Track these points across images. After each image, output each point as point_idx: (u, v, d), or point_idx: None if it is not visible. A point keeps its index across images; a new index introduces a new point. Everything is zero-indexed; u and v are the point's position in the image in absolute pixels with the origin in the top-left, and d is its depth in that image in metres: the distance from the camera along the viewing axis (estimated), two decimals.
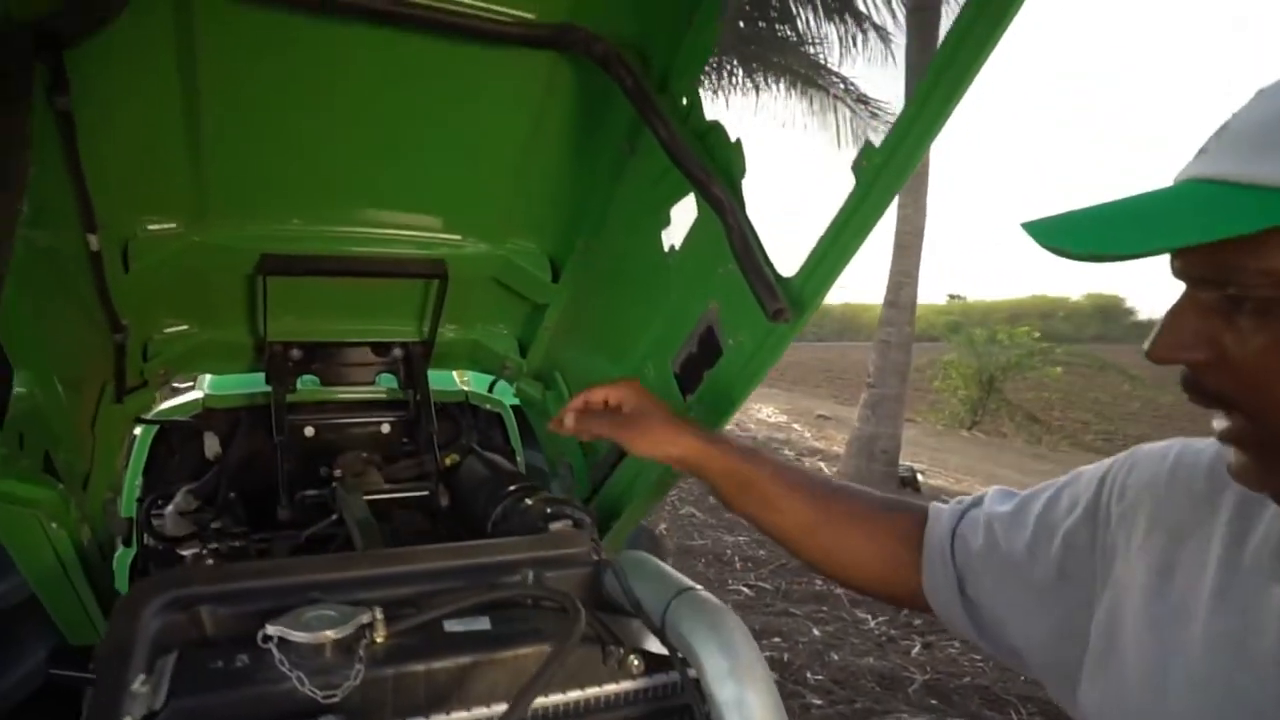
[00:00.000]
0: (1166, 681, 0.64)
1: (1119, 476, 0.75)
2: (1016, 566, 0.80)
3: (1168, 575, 0.67)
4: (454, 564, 1.06)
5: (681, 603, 0.95)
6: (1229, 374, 0.55)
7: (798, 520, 0.98)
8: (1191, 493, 0.68)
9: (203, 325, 1.62)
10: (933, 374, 13.85)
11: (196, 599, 0.92)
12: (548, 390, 1.85)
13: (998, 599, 0.82)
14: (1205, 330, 0.56)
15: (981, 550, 0.84)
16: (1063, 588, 0.76)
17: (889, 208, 0.94)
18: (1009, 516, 0.83)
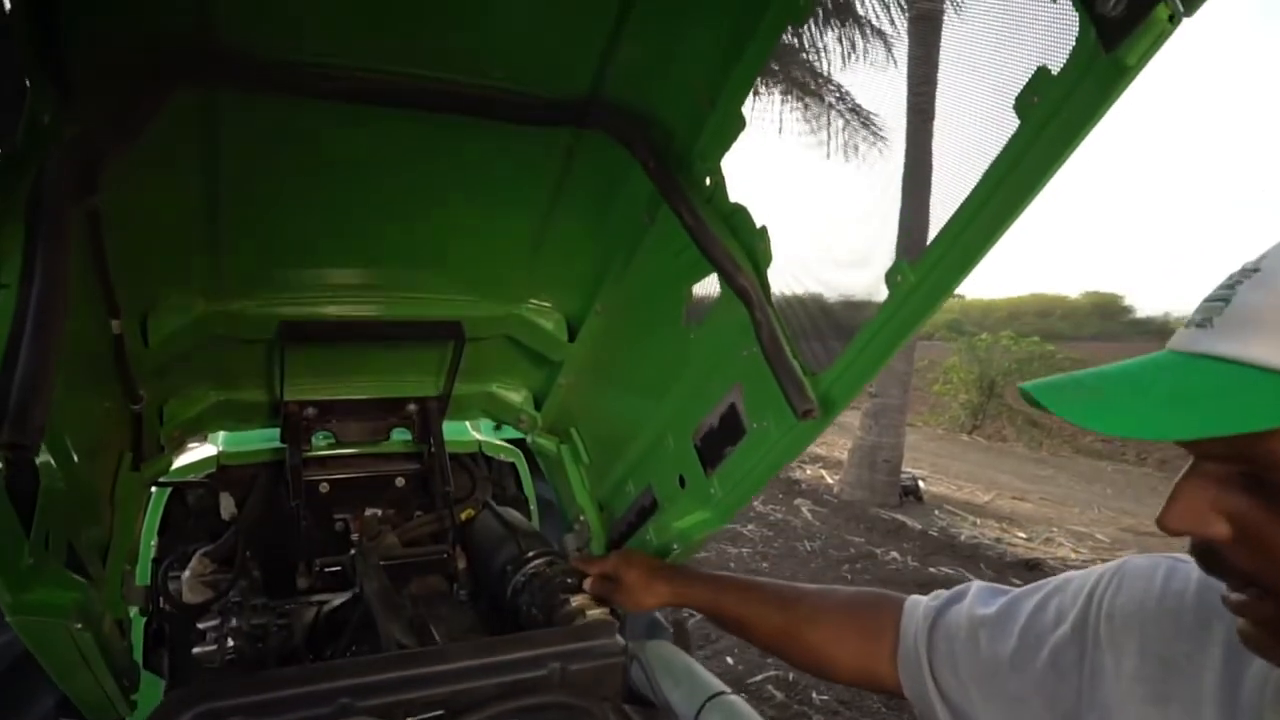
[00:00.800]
0: None
1: (1107, 594, 0.76)
2: (998, 674, 0.82)
3: (1162, 706, 0.68)
4: (482, 661, 1.05)
5: (715, 709, 0.95)
6: (1251, 551, 0.55)
7: (767, 631, 1.10)
8: (1180, 623, 0.69)
9: (219, 389, 1.61)
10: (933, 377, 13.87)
11: (227, 711, 0.92)
12: (563, 445, 1.84)
13: (975, 702, 0.84)
14: (1223, 504, 0.55)
15: (961, 653, 0.86)
16: (1043, 700, 0.77)
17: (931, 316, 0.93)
18: (994, 620, 0.85)
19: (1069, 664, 0.76)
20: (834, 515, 7.61)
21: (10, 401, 0.68)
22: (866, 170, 9.04)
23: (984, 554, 6.54)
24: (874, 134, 9.16)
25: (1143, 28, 0.58)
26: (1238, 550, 0.55)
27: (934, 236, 0.85)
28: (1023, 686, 0.79)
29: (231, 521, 1.68)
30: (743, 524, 7.15)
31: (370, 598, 1.37)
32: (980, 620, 0.86)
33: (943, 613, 0.92)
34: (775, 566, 6.03)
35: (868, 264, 1.00)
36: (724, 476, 1.29)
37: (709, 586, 1.19)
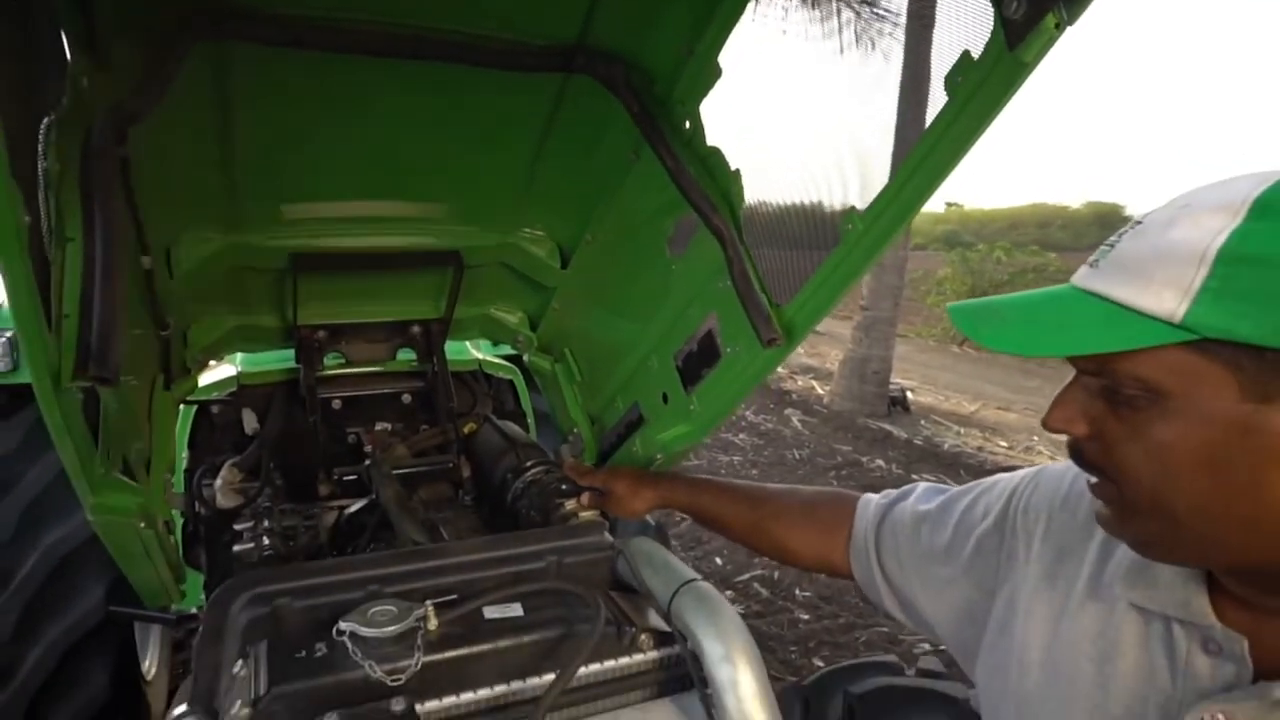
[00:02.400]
0: (1038, 666, 0.80)
1: (1025, 493, 0.91)
2: (933, 561, 0.98)
3: (1051, 581, 0.83)
4: (488, 555, 1.23)
5: (686, 593, 1.12)
6: (1103, 448, 0.67)
7: (739, 525, 1.28)
8: (1075, 517, 0.84)
9: (238, 315, 1.74)
10: (926, 288, 13.95)
11: (276, 595, 1.09)
12: (557, 364, 1.98)
13: (914, 585, 1.00)
14: (1089, 409, 0.67)
15: (904, 544, 1.02)
16: (970, 582, 0.93)
17: (879, 258, 1.06)
18: (933, 515, 1.00)
19: (990, 550, 0.91)
20: (823, 425, 7.87)
21: (92, 342, 0.81)
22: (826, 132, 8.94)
23: (965, 462, 6.82)
24: None
25: (1036, 31, 0.68)
26: (1095, 447, 0.68)
27: (877, 193, 0.97)
28: (954, 572, 0.95)
29: (254, 435, 1.84)
30: (734, 433, 7.40)
31: (386, 502, 1.54)
32: (922, 516, 1.02)
33: (890, 509, 1.07)
34: (765, 474, 6.29)
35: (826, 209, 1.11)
36: (702, 394, 1.44)
37: (689, 489, 1.35)
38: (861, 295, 8.41)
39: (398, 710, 0.96)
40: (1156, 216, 0.64)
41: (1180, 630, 0.70)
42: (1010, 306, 0.70)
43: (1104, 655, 0.75)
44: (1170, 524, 0.64)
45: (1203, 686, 0.67)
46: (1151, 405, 0.62)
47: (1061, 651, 0.78)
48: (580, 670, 1.11)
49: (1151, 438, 0.63)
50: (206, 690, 1.08)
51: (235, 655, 1.07)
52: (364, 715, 0.95)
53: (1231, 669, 0.66)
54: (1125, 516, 0.68)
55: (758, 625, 4.05)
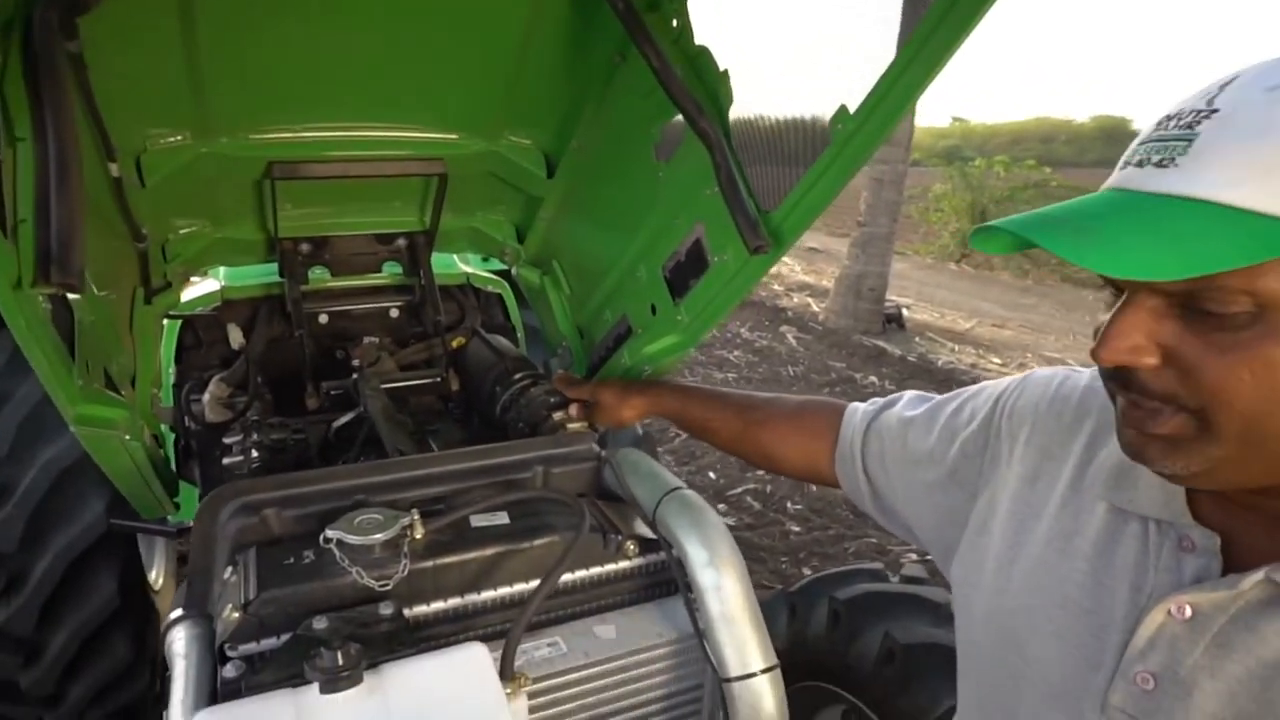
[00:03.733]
0: (1013, 563, 0.80)
1: (1011, 398, 0.89)
2: (917, 465, 0.97)
3: (1032, 483, 0.82)
4: (475, 465, 1.23)
5: (671, 500, 1.13)
6: (1179, 375, 0.59)
7: (727, 433, 1.26)
8: (1061, 420, 0.82)
9: (216, 226, 1.70)
10: (925, 205, 13.75)
11: (263, 504, 1.10)
12: (545, 276, 1.95)
13: (898, 490, 1.00)
14: (1156, 334, 0.59)
15: (890, 449, 1.02)
16: (953, 485, 0.92)
17: (867, 159, 1.02)
18: (920, 421, 0.99)
19: (974, 453, 0.90)
20: (818, 342, 7.88)
21: (52, 247, 0.78)
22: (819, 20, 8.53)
23: (958, 378, 6.86)
24: None
25: None
26: (1162, 375, 0.60)
27: (869, 89, 0.92)
28: (938, 475, 0.94)
29: (240, 350, 1.83)
30: (729, 350, 7.42)
31: (374, 414, 1.54)
32: (908, 421, 1.01)
33: (877, 416, 1.06)
34: (759, 390, 6.34)
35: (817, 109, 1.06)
36: (690, 305, 1.42)
37: (678, 396, 1.34)
38: (859, 211, 8.29)
39: (385, 614, 0.98)
40: (1236, 99, 0.56)
41: (1156, 530, 0.70)
42: (1090, 216, 0.59)
43: (1080, 553, 0.75)
44: (1251, 450, 0.59)
45: (1175, 580, 0.68)
46: (1257, 321, 0.55)
47: (1037, 549, 0.79)
48: (567, 576, 1.13)
49: (1258, 357, 0.55)
50: (200, 596, 1.10)
51: (225, 562, 1.09)
52: (352, 619, 0.96)
53: (1204, 564, 0.66)
54: (1195, 448, 0.60)
55: (749, 537, 4.14)
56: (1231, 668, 0.62)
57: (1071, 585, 0.74)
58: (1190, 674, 0.64)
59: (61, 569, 2.35)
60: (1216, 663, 0.63)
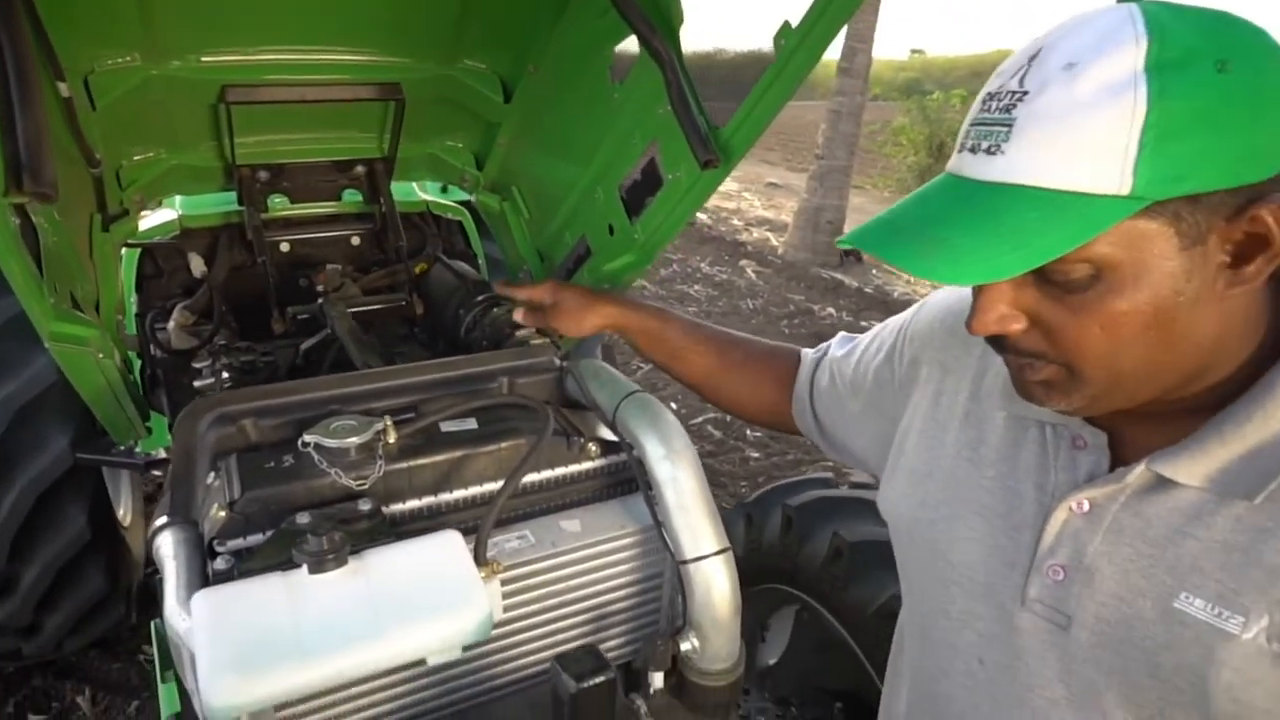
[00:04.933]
0: (929, 477, 0.87)
1: (911, 323, 0.97)
2: (847, 399, 1.06)
3: (937, 400, 0.90)
4: (443, 376, 1.29)
5: (629, 403, 1.21)
6: (1044, 334, 0.66)
7: (700, 368, 1.23)
8: (954, 335, 0.89)
9: (171, 152, 1.69)
10: (884, 139, 13.78)
11: (241, 414, 1.15)
12: (505, 201, 1.98)
13: (837, 424, 1.09)
14: (1019, 301, 0.66)
15: (826, 389, 1.10)
16: (875, 413, 1.00)
17: (810, 71, 1.07)
18: (843, 361, 1.08)
19: (886, 379, 0.98)
20: (777, 275, 7.98)
21: (22, 156, 0.80)
22: None
23: None
24: None
25: None
26: (1030, 335, 0.67)
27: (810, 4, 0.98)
28: (862, 405, 1.03)
29: (203, 279, 1.84)
30: (689, 285, 7.49)
31: (342, 335, 1.58)
32: (838, 360, 1.10)
33: (818, 361, 1.14)
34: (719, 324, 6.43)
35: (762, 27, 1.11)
36: (646, 223, 1.47)
37: (655, 315, 1.26)
38: (816, 144, 8.31)
39: (364, 510, 1.05)
40: (1041, 80, 0.59)
41: (1052, 432, 0.77)
42: (931, 220, 0.64)
43: (986, 461, 0.81)
44: (1116, 383, 0.66)
45: (1072, 478, 0.74)
46: (1096, 281, 0.61)
47: (948, 461, 0.85)
48: (533, 476, 1.21)
49: (1102, 312, 0.62)
50: (184, 502, 1.15)
51: (207, 470, 1.14)
52: (333, 515, 1.03)
53: (1095, 460, 0.73)
54: (1071, 389, 0.68)
55: (711, 464, 4.28)
56: (1124, 550, 0.70)
57: (983, 492, 0.80)
58: (1092, 560, 0.71)
59: (29, 503, 2.37)
60: (1113, 548, 0.70)
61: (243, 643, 0.82)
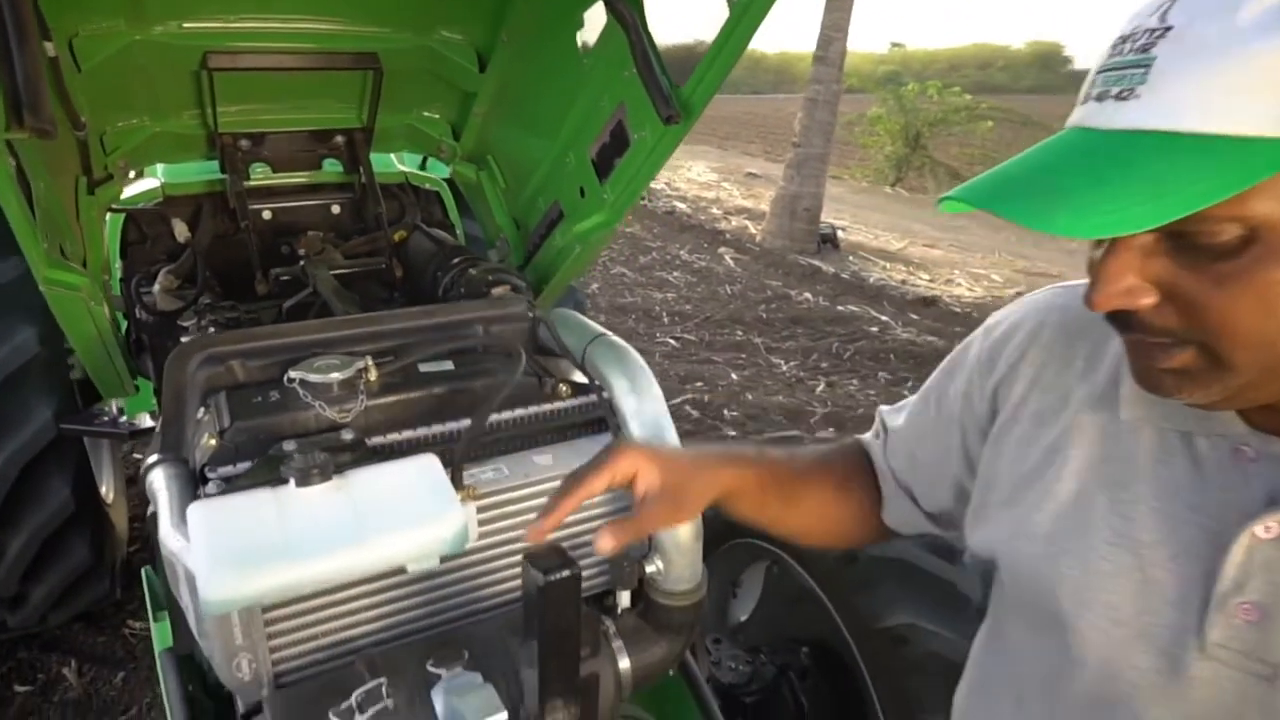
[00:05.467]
0: (1037, 508, 0.73)
1: (983, 351, 0.82)
2: (928, 457, 0.90)
3: (1040, 421, 0.75)
4: (420, 323, 1.36)
5: (597, 344, 1.28)
6: (1178, 310, 0.56)
7: (816, 501, 0.98)
8: (1054, 346, 0.76)
9: (155, 119, 1.74)
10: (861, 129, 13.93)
11: (228, 355, 1.21)
12: (481, 171, 2.05)
13: (936, 491, 0.90)
14: (1149, 272, 0.56)
15: (905, 468, 0.94)
16: (955, 456, 0.85)
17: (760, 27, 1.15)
18: (915, 410, 0.93)
19: (968, 414, 0.83)
20: (755, 262, 8.08)
21: (21, 93, 0.86)
22: None
23: (888, 294, 7.16)
24: None
25: None
26: (1163, 311, 0.57)
27: None
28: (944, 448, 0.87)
29: (186, 244, 1.89)
30: (668, 272, 7.57)
31: (324, 292, 1.64)
32: (906, 419, 0.94)
33: (887, 444, 0.97)
34: (697, 308, 6.51)
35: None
36: (615, 183, 1.54)
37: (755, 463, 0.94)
38: (794, 132, 8.40)
39: (348, 439, 1.12)
40: (1189, 11, 0.52)
41: (1206, 444, 0.64)
42: (1049, 171, 0.56)
43: (1119, 481, 0.68)
44: (1269, 372, 0.56)
45: (1244, 497, 0.61)
46: (1250, 245, 0.52)
47: (1066, 485, 0.71)
48: (506, 414, 1.28)
49: (1257, 283, 0.52)
50: (174, 440, 1.22)
51: (197, 408, 1.20)
52: (317, 443, 1.09)
53: (1272, 473, 0.61)
54: (1211, 379, 0.57)
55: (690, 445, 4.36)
56: None
57: (1117, 519, 0.67)
58: None
59: (14, 474, 2.41)
60: None
61: (235, 543, 0.89)
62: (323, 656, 1.11)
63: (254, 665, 1.07)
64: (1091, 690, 0.69)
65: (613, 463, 0.86)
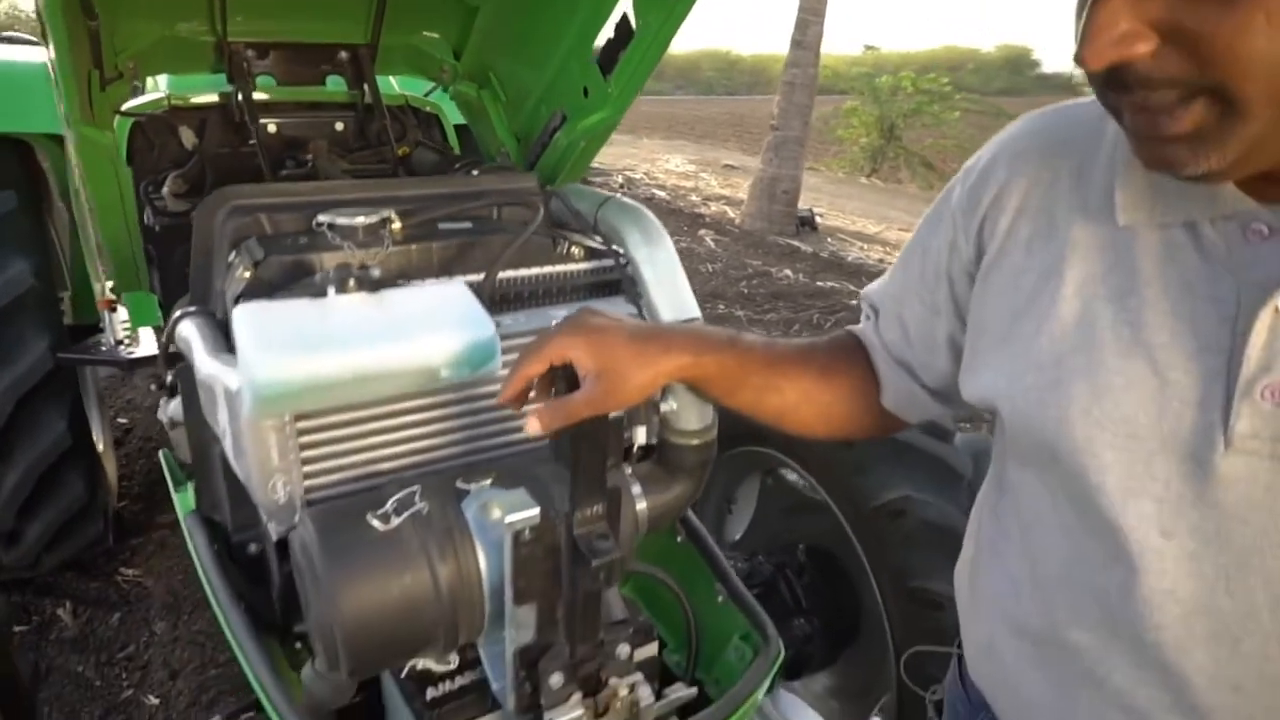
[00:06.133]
0: (1036, 336, 0.69)
1: (963, 191, 0.78)
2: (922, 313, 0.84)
3: (1029, 249, 0.71)
4: (440, 190, 1.41)
5: (609, 205, 1.35)
6: (1186, 54, 0.51)
7: (797, 392, 0.92)
8: (1030, 163, 0.72)
9: (164, 22, 1.77)
10: (837, 123, 14.15)
11: (255, 208, 1.26)
12: (482, 90, 2.10)
13: (936, 358, 0.85)
14: (1145, 13, 0.51)
15: (898, 340, 0.89)
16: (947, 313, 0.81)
17: None
18: (899, 271, 0.89)
19: (944, 266, 0.80)
20: (734, 243, 8.18)
21: None
22: None
23: (867, 270, 7.29)
24: None
25: None
26: (1164, 57, 0.52)
27: None
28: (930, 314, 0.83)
29: (194, 151, 1.92)
30: None
31: None
32: (892, 278, 0.91)
33: (878, 323, 0.92)
34: None
35: None
36: (619, 76, 1.59)
37: (727, 347, 0.89)
38: (772, 115, 8.52)
39: (375, 276, 1.17)
40: None
41: (1212, 232, 0.60)
42: None
43: (1123, 290, 0.64)
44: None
45: (1256, 276, 0.58)
46: None
47: (1067, 307, 0.67)
48: (523, 272, 1.34)
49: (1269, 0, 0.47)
50: (202, 293, 1.26)
51: (225, 260, 1.25)
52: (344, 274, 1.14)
53: None
54: (1226, 133, 0.53)
55: None
56: None
57: (1125, 327, 0.63)
58: None
59: (9, 407, 2.42)
60: None
61: (282, 334, 0.94)
62: (352, 485, 1.16)
63: (288, 488, 1.12)
64: (1110, 523, 0.64)
65: (546, 348, 0.86)
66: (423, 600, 1.02)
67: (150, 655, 2.73)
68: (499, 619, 1.07)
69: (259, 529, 1.36)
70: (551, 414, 0.86)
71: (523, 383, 0.89)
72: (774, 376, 0.91)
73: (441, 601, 1.03)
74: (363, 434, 1.15)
